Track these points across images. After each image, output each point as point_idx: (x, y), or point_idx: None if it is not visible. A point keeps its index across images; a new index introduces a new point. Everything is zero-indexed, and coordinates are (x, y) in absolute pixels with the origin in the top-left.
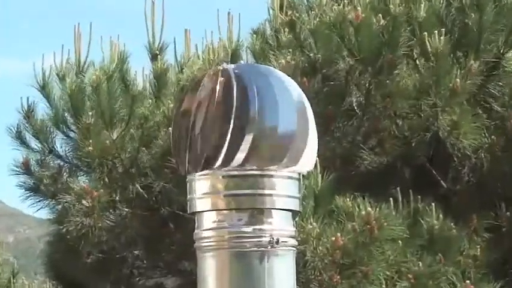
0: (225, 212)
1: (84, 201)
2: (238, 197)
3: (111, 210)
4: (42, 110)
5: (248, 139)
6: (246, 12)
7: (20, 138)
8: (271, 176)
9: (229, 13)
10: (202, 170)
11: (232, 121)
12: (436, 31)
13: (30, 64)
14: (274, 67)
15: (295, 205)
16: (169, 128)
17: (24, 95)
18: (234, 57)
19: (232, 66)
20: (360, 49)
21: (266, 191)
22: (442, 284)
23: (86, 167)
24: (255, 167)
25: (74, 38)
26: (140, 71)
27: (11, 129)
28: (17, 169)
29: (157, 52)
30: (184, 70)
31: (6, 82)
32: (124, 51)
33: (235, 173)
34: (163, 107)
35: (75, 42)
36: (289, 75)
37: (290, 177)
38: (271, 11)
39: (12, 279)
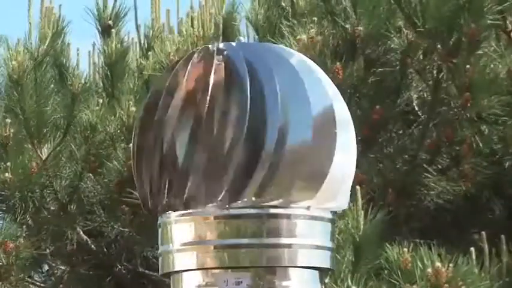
0: (216, 271)
1: None
2: (237, 250)
3: (39, 270)
4: None
5: (264, 162)
6: None
7: None
8: (289, 216)
9: None
10: (177, 209)
11: (241, 135)
12: None
13: None
14: (290, 47)
15: (325, 260)
16: (130, 145)
17: None
18: (227, 32)
19: (234, 45)
20: (425, 17)
21: (281, 240)
22: None
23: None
24: (265, 204)
25: None
26: (84, 53)
27: None
28: None
29: (110, 23)
30: (151, 52)
31: None
32: (60, 19)
33: (235, 212)
34: (119, 110)
35: None
36: (314, 60)
37: (318, 218)
38: None
39: None
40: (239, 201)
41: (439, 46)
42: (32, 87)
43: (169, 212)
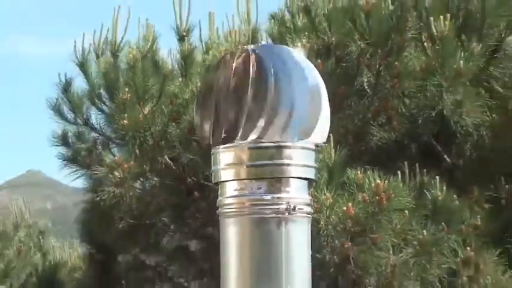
0: (246, 181)
1: (115, 172)
2: (258, 167)
3: (141, 179)
4: (79, 86)
5: (265, 112)
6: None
7: (58, 111)
8: (289, 147)
9: None
10: (223, 143)
11: (248, 96)
12: (441, 16)
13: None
14: None
15: (311, 174)
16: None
17: (67, 72)
18: (254, 41)
19: (252, 46)
20: (371, 33)
21: (284, 161)
22: (444, 250)
23: (119, 139)
24: (272, 139)
25: (113, 19)
26: (167, 52)
27: (50, 103)
28: (55, 141)
29: (184, 34)
30: (210, 51)
31: (54, 60)
32: (154, 32)
33: (258, 145)
34: (191, 85)
35: (113, 22)
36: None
37: (306, 148)
38: None
39: (41, 239)
40: (252, 138)
41: (379, 51)
42: (140, 69)
43: (218, 145)
